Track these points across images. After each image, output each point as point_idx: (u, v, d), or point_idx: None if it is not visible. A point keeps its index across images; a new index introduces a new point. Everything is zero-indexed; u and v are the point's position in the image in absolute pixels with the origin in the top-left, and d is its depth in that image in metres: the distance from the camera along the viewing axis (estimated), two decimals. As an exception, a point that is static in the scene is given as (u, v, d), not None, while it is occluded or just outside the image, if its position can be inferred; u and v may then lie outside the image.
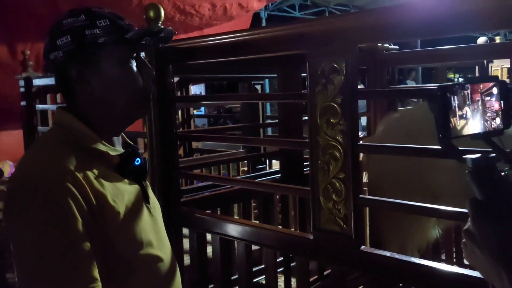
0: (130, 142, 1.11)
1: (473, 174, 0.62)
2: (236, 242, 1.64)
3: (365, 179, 2.48)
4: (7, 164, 5.03)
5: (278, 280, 2.67)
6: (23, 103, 3.32)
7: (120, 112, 1.00)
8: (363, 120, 4.09)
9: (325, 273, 2.51)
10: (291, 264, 2.38)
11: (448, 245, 2.55)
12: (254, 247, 1.63)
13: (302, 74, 2.57)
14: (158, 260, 1.02)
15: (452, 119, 0.65)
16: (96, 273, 0.88)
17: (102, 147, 0.97)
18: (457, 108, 0.65)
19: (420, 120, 2.24)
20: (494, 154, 0.64)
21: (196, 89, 9.62)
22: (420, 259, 1.18)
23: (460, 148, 0.69)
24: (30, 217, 0.85)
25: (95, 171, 0.94)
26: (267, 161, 3.63)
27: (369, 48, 2.68)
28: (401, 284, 1.94)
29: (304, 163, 2.62)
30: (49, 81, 3.35)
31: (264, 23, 7.90)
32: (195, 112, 5.64)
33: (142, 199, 1.04)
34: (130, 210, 0.97)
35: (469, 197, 0.62)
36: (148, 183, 1.11)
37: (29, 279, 0.86)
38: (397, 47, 2.85)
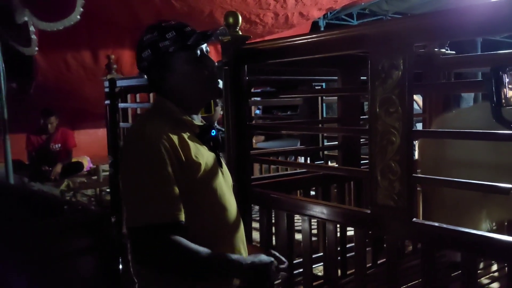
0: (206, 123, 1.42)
1: None
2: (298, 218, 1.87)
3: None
4: (86, 159, 5.56)
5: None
6: (107, 102, 3.73)
7: (193, 98, 1.32)
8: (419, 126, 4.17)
9: (379, 262, 2.68)
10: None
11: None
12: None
13: (362, 77, 2.77)
14: (226, 210, 1.31)
15: (503, 93, 0.85)
16: (181, 206, 1.18)
17: (187, 118, 1.31)
18: (507, 85, 0.86)
19: (474, 121, 2.35)
20: None
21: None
22: (466, 228, 1.36)
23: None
24: (136, 159, 1.19)
25: (183, 134, 1.25)
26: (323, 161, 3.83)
27: (426, 52, 2.84)
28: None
29: (361, 161, 2.81)
30: (130, 82, 3.75)
31: (322, 32, 8.10)
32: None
33: (217, 164, 1.34)
34: (208, 167, 1.28)
35: None
36: (222, 155, 1.41)
37: (130, 200, 1.19)
38: (453, 52, 2.99)
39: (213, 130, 1.35)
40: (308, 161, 3.65)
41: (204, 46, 1.33)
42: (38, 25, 4.13)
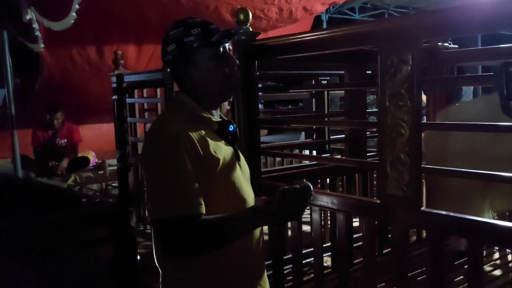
0: (225, 118, 1.46)
1: None
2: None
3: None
4: (91, 154, 5.62)
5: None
6: (114, 97, 3.77)
7: (214, 93, 1.36)
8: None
9: (384, 251, 2.76)
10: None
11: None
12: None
13: (367, 72, 2.83)
14: (244, 201, 1.36)
15: None
16: (201, 199, 1.23)
17: (206, 115, 1.35)
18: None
19: (477, 113, 2.42)
20: None
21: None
22: (470, 216, 1.43)
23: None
24: (156, 157, 1.25)
25: (201, 131, 1.30)
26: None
27: (429, 47, 2.90)
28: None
29: (367, 154, 2.88)
30: (137, 77, 3.81)
31: (324, 26, 8.20)
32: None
33: (235, 157, 1.39)
34: (226, 161, 1.32)
35: None
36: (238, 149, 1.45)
37: (154, 195, 1.25)
38: (456, 46, 3.05)
39: (231, 125, 1.40)
40: (314, 154, 3.71)
41: (227, 44, 1.38)
42: (44, 23, 4.17)
